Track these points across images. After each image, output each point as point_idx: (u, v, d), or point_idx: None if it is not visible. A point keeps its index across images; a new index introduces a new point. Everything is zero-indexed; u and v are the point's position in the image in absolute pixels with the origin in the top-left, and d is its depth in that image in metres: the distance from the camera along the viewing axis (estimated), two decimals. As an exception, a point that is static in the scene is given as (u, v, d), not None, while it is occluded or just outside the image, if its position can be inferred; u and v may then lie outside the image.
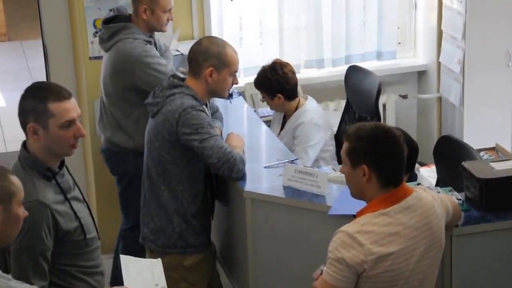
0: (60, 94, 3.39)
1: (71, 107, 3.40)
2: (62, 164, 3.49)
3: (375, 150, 3.27)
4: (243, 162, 4.18)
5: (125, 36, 5.02)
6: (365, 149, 3.27)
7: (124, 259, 3.51)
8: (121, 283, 3.37)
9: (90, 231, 3.52)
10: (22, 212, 2.97)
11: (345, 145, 3.32)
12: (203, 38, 4.60)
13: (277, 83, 5.24)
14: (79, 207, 3.50)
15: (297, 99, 5.31)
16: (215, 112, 4.51)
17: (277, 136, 5.21)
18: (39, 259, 3.31)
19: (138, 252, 5.13)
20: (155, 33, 5.14)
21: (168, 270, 3.77)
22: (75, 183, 3.58)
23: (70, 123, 3.38)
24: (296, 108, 5.30)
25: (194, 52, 4.29)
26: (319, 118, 5.31)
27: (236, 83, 4.43)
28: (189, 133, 4.10)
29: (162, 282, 3.46)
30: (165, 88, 4.24)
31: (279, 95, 5.24)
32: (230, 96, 5.24)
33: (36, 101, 3.36)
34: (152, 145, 4.26)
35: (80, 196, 3.58)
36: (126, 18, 5.13)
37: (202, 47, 4.26)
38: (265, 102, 5.47)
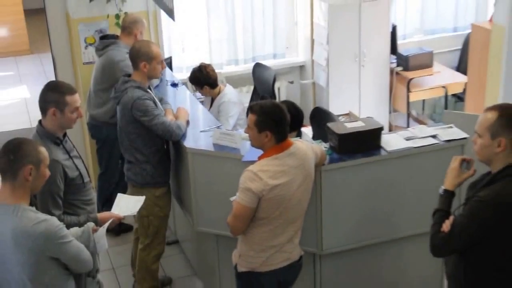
0: (72, 90, 3.43)
1: (77, 99, 3.42)
2: (65, 134, 3.47)
3: (274, 120, 3.27)
4: (179, 128, 4.15)
5: (113, 48, 4.96)
6: (268, 120, 3.26)
7: (120, 196, 3.55)
8: None
9: (86, 177, 3.50)
10: (47, 172, 2.95)
11: (252, 117, 3.30)
12: (135, 42, 4.45)
13: (203, 78, 5.18)
14: (78, 162, 3.48)
15: (219, 87, 5.26)
16: (161, 99, 4.41)
17: (208, 111, 5.17)
18: (55, 196, 3.30)
19: (106, 190, 5.17)
20: None
21: (146, 199, 3.77)
22: (74, 146, 3.55)
23: (76, 108, 3.40)
24: (219, 93, 5.24)
25: (131, 53, 4.21)
26: (235, 98, 5.27)
27: (164, 68, 4.34)
28: (140, 115, 4.05)
29: (135, 210, 3.47)
30: (120, 83, 4.18)
31: (206, 86, 5.20)
32: (176, 85, 5.23)
33: (57, 94, 3.36)
34: (121, 123, 4.20)
35: (78, 155, 3.54)
36: (114, 37, 5.09)
37: (135, 49, 4.17)
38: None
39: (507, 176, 2.80)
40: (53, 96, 3.36)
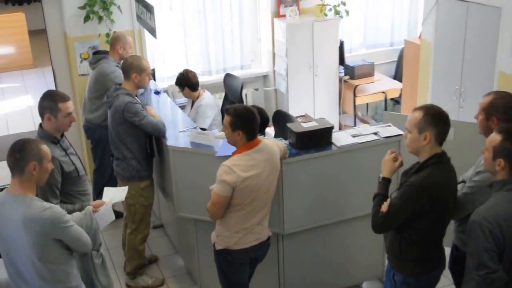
0: (64, 98, 3.36)
1: (70, 105, 3.36)
2: (62, 135, 3.42)
3: (245, 121, 3.25)
4: (164, 125, 4.12)
5: (104, 62, 4.89)
6: (240, 121, 3.24)
7: (107, 189, 3.45)
8: None
9: (81, 171, 3.45)
10: (50, 166, 2.91)
11: (227, 118, 3.27)
12: (129, 57, 4.34)
13: (184, 81, 5.12)
14: (74, 158, 3.43)
15: (199, 91, 5.21)
16: (145, 105, 4.35)
17: (189, 112, 5.13)
18: (54, 188, 3.26)
19: (100, 182, 5.08)
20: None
21: (131, 191, 3.72)
22: (71, 145, 3.50)
23: (69, 114, 3.33)
24: (198, 97, 5.20)
25: (123, 65, 4.15)
26: (212, 101, 5.23)
27: (150, 79, 4.28)
28: (131, 116, 4.00)
29: (123, 197, 3.39)
30: (112, 91, 4.12)
31: (186, 87, 5.13)
32: (159, 93, 5.17)
33: (51, 102, 3.31)
34: (112, 125, 4.14)
35: (74, 152, 3.49)
36: (105, 52, 5.00)
37: (128, 62, 4.11)
38: (180, 94, 5.40)
39: (432, 164, 2.84)
40: (47, 103, 3.31)
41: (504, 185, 2.64)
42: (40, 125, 3.37)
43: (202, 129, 4.86)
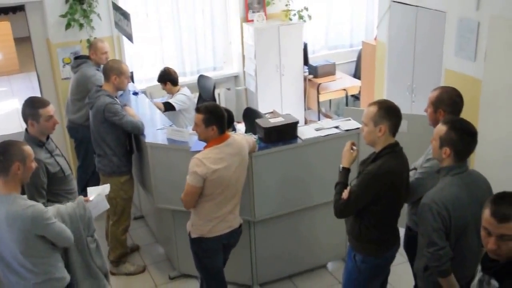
0: (44, 103, 3.29)
1: (50, 110, 3.29)
2: (48, 137, 3.35)
3: (217, 117, 3.23)
4: (142, 124, 4.09)
5: (85, 66, 4.81)
6: (212, 117, 3.22)
7: (90, 189, 3.36)
8: None
9: (67, 171, 3.38)
10: (34, 165, 2.84)
11: (199, 116, 3.24)
12: (109, 60, 4.30)
13: (166, 76, 5.12)
14: (59, 159, 3.36)
15: (179, 86, 5.19)
16: (125, 105, 4.29)
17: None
18: (39, 188, 3.19)
19: (84, 178, 5.00)
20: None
21: (112, 185, 3.66)
22: (57, 146, 3.43)
23: (50, 117, 3.27)
24: (178, 90, 5.16)
25: (104, 68, 4.11)
26: (189, 94, 5.18)
27: (129, 82, 4.22)
28: (111, 116, 3.95)
29: (106, 193, 3.33)
30: (93, 92, 4.06)
31: (168, 82, 5.13)
32: (137, 94, 5.11)
33: (32, 109, 3.25)
34: (94, 124, 4.08)
35: (60, 153, 3.42)
36: (86, 57, 4.92)
37: (108, 65, 4.07)
38: (158, 94, 5.37)
39: (386, 154, 2.87)
40: (29, 110, 3.26)
41: (449, 171, 2.69)
42: (26, 129, 3.31)
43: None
